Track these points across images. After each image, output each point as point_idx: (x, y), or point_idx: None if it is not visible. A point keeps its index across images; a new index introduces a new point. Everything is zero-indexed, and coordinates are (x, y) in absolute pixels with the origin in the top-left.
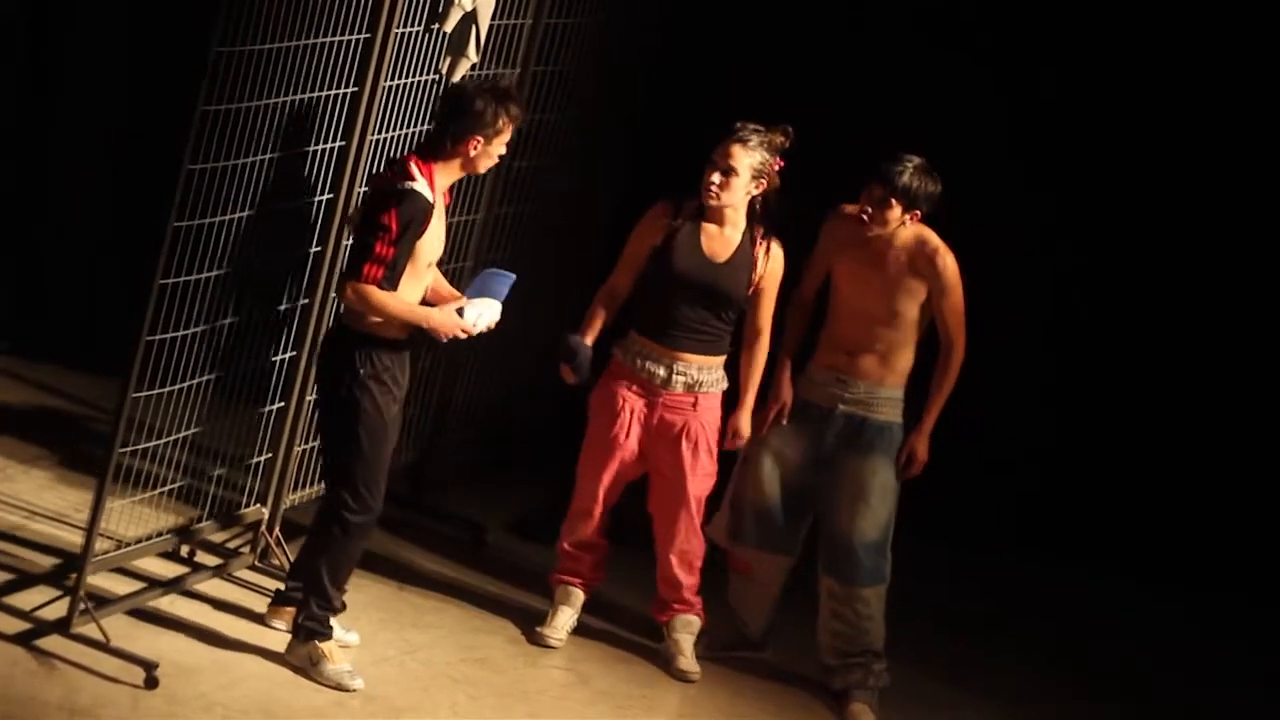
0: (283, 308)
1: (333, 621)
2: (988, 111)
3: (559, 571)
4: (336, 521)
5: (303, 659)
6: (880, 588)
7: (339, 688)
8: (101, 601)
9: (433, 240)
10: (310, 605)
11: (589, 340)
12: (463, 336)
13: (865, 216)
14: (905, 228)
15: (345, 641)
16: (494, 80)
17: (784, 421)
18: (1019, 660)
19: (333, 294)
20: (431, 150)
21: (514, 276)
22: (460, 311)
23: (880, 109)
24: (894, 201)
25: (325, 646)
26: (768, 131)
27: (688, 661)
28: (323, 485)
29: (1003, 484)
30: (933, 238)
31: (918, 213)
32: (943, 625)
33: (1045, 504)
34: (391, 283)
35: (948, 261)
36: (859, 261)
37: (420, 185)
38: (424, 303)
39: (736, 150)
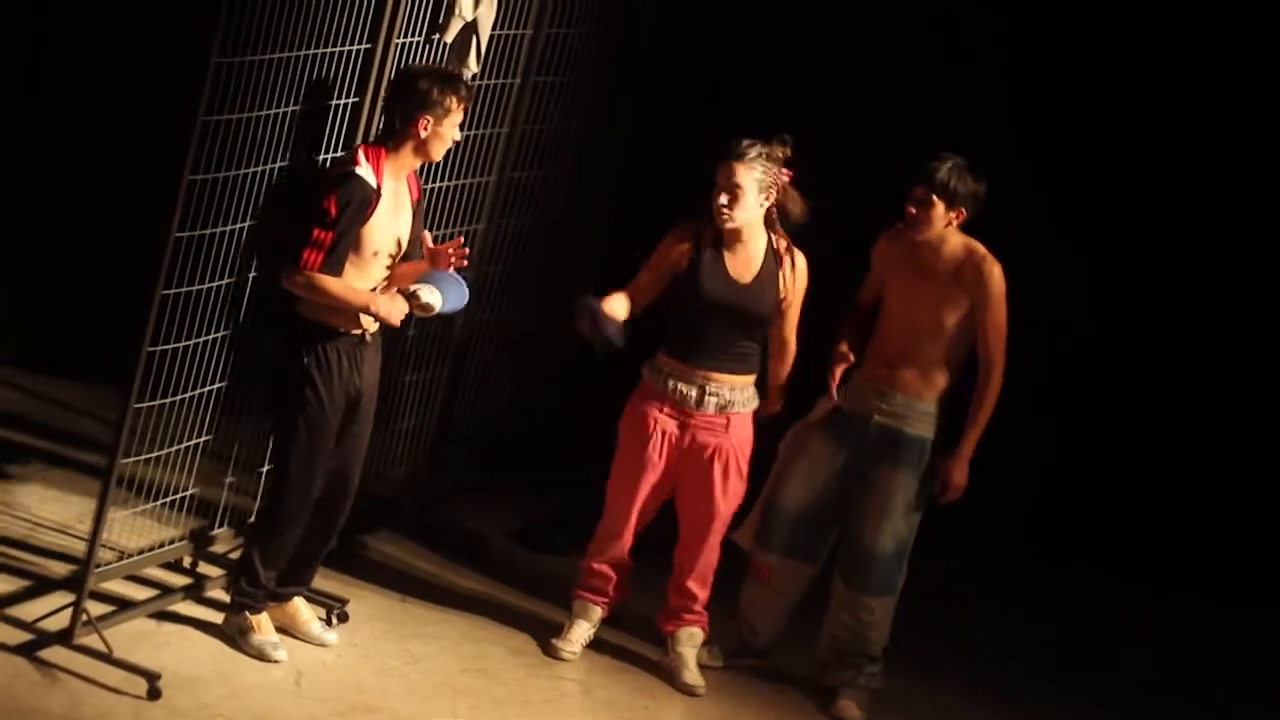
0: (283, 317)
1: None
2: (988, 115)
3: (581, 587)
4: (270, 506)
5: (233, 628)
6: (888, 600)
7: (261, 657)
8: (104, 612)
9: (382, 229)
10: (240, 582)
11: (612, 313)
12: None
13: (910, 219)
14: (953, 236)
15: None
16: (438, 65)
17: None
18: (1026, 668)
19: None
20: (381, 137)
21: (466, 294)
22: (410, 295)
23: (880, 114)
24: (936, 200)
25: (255, 618)
26: (765, 144)
27: (693, 675)
28: None
29: (1010, 491)
30: (980, 248)
31: (962, 212)
32: (951, 634)
33: (1053, 511)
34: (332, 268)
35: (994, 271)
36: (908, 273)
37: (364, 171)
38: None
39: (737, 168)
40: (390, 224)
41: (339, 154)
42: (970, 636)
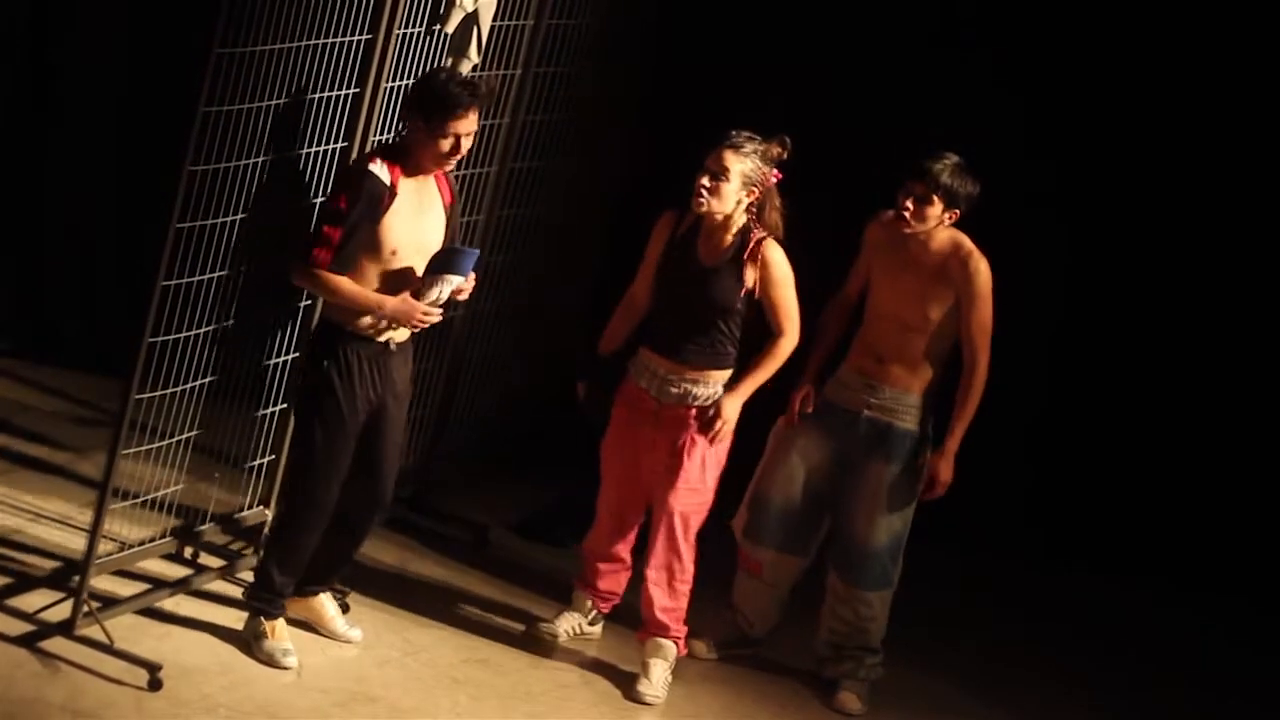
0: (283, 309)
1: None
2: (990, 111)
3: (578, 575)
4: (285, 513)
5: (248, 632)
6: (886, 593)
7: (270, 664)
8: (105, 603)
9: (400, 228)
10: (257, 584)
11: (610, 348)
12: (430, 321)
13: (905, 214)
14: (942, 231)
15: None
16: (471, 75)
17: (809, 408)
18: (1025, 664)
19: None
20: (398, 137)
21: (475, 252)
22: (416, 294)
23: (880, 110)
24: (935, 199)
25: (269, 624)
26: (764, 141)
27: (646, 685)
28: None
29: (1008, 484)
30: (968, 243)
31: (956, 212)
32: (949, 628)
33: (1051, 504)
34: (343, 266)
35: (980, 267)
36: (895, 264)
37: (377, 168)
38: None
39: (728, 155)
40: (412, 224)
41: (339, 145)
42: (965, 628)
